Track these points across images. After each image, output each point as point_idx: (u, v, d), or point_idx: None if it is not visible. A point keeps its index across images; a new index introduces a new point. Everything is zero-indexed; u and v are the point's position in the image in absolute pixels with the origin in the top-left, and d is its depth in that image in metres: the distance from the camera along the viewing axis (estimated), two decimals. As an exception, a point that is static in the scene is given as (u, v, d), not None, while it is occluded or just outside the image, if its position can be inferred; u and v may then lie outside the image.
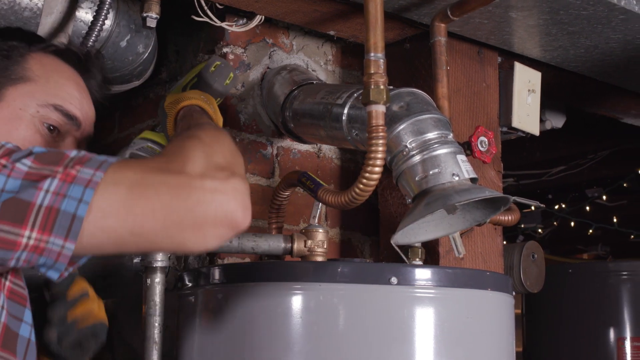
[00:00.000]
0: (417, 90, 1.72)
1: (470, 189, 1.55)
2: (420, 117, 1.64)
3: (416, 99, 1.69)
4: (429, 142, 1.61)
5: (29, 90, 1.34)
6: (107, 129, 2.68)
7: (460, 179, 1.58)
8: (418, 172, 1.60)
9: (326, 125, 1.85)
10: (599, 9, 1.95)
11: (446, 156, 1.60)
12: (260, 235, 1.62)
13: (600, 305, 2.94)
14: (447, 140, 1.63)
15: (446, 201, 1.53)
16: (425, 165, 1.59)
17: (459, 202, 1.53)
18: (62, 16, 1.92)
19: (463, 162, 1.61)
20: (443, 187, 1.57)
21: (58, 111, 1.36)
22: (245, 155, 2.13)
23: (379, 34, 1.50)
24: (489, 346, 1.52)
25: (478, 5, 1.88)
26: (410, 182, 1.61)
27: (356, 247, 2.31)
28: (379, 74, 1.49)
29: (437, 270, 1.48)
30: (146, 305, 1.53)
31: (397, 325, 1.42)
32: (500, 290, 1.55)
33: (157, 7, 1.92)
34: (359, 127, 1.73)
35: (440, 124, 1.64)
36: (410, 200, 1.63)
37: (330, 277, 1.43)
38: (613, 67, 2.36)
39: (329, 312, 1.41)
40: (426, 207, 1.54)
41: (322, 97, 1.89)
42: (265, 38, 2.20)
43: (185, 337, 1.57)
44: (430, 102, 1.73)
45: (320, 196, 1.61)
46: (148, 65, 2.20)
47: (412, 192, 1.61)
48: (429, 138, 1.62)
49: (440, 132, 1.63)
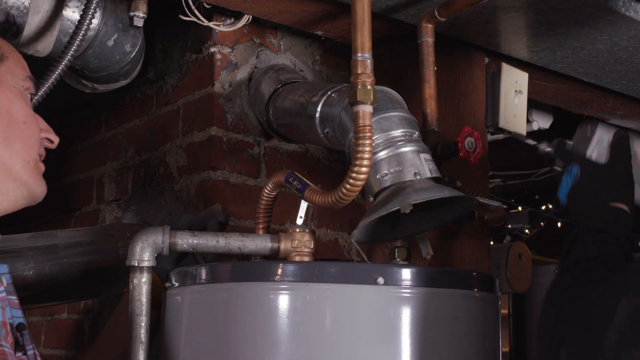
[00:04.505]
0: (387, 89, 1.73)
1: (429, 188, 1.56)
2: (386, 115, 1.65)
3: (385, 96, 1.70)
4: (394, 139, 1.62)
5: (9, 67, 1.40)
6: (94, 128, 2.68)
7: (421, 177, 1.58)
8: (380, 169, 1.61)
9: (302, 123, 1.88)
10: (586, 11, 1.96)
11: (410, 154, 1.61)
12: (247, 235, 1.61)
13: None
14: (412, 138, 1.64)
15: (403, 200, 1.53)
16: (388, 163, 1.60)
17: (415, 201, 1.53)
18: (49, 15, 1.92)
19: (427, 161, 1.61)
20: (403, 185, 1.58)
21: (31, 80, 1.44)
22: (233, 155, 2.13)
23: (366, 35, 1.50)
24: (476, 346, 1.52)
25: (465, 6, 1.88)
26: (371, 179, 1.61)
27: (343, 247, 2.32)
28: (366, 74, 1.49)
29: (424, 270, 1.48)
30: (132, 305, 1.52)
31: (383, 325, 1.42)
32: (486, 290, 1.56)
33: (144, 6, 1.91)
34: (330, 125, 1.75)
35: (406, 122, 1.65)
36: (371, 198, 1.64)
37: (316, 277, 1.42)
38: (599, 68, 2.37)
39: (315, 312, 1.41)
40: (383, 205, 1.54)
41: (300, 95, 1.92)
42: (253, 38, 2.20)
43: (171, 336, 1.57)
44: (399, 100, 1.73)
45: (308, 196, 1.61)
46: (135, 65, 2.20)
47: (373, 190, 1.62)
48: (393, 136, 1.63)
49: (406, 130, 1.64)
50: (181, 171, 2.22)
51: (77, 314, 2.64)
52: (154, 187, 2.32)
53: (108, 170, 2.57)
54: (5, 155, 1.35)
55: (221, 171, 2.10)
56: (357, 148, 1.49)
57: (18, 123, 1.37)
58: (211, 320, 1.48)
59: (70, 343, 2.64)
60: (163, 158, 2.30)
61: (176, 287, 1.58)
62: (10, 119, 1.37)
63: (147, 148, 2.38)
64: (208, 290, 1.51)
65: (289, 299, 1.42)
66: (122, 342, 1.60)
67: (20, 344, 1.31)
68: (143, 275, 1.54)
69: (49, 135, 1.45)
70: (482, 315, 1.53)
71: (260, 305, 1.43)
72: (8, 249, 1.95)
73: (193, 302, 1.54)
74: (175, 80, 2.29)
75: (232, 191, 2.11)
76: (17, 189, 1.37)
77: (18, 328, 1.29)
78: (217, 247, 1.58)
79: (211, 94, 2.12)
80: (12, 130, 1.36)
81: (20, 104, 1.39)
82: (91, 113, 2.71)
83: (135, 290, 1.53)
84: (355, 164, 1.50)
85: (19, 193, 1.38)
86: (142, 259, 1.54)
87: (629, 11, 1.97)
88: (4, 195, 1.36)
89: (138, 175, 2.41)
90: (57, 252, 2.02)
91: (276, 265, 1.45)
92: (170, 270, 1.61)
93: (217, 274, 1.51)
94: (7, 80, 1.39)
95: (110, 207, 2.54)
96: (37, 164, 1.41)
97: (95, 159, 2.65)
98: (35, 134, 1.41)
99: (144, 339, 1.52)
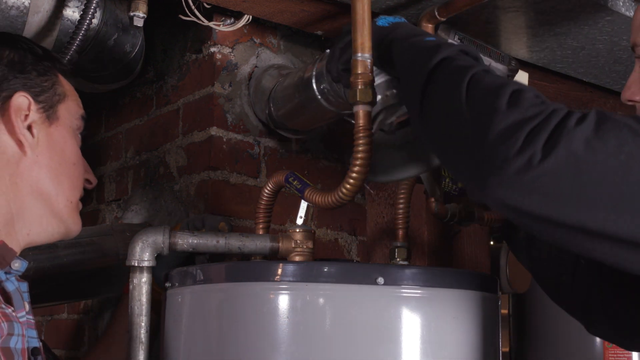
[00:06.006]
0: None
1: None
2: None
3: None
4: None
5: (68, 106, 1.45)
6: (94, 128, 2.67)
7: None
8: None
9: (300, 97, 1.94)
10: (586, 11, 1.96)
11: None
12: (247, 235, 1.61)
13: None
14: None
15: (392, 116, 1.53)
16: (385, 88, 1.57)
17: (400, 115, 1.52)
18: (49, 15, 1.92)
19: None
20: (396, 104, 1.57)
21: (83, 119, 1.50)
22: (233, 155, 2.13)
23: (366, 35, 1.49)
24: (475, 346, 1.52)
25: (465, 5, 1.88)
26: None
27: (343, 247, 2.32)
28: (366, 74, 1.49)
29: (424, 270, 1.48)
30: (132, 305, 1.52)
31: (383, 324, 1.42)
32: (487, 290, 1.56)
33: (144, 6, 1.91)
34: (325, 80, 1.83)
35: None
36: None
37: (316, 277, 1.43)
38: (599, 68, 2.37)
39: (315, 312, 1.41)
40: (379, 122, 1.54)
41: (295, 76, 1.99)
42: (253, 38, 2.20)
43: (171, 336, 1.57)
44: None
45: (307, 196, 1.61)
46: (135, 65, 2.20)
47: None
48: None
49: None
50: (181, 171, 2.22)
51: (77, 314, 2.64)
52: (154, 187, 2.32)
53: (108, 170, 2.57)
54: (53, 192, 1.40)
55: (221, 171, 2.10)
56: (357, 148, 1.49)
57: (69, 163, 1.43)
58: (211, 320, 1.48)
59: (70, 343, 2.64)
60: (163, 158, 2.30)
61: (176, 287, 1.58)
62: (63, 158, 1.42)
63: (147, 148, 2.38)
64: (208, 290, 1.51)
65: (289, 299, 1.42)
66: (121, 350, 1.62)
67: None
68: (143, 275, 1.54)
69: (89, 176, 1.51)
70: (482, 315, 1.53)
71: (260, 305, 1.43)
72: (8, 249, 1.95)
73: (193, 302, 1.54)
74: (175, 80, 2.29)
75: (232, 191, 2.11)
76: (56, 226, 1.42)
77: (33, 353, 1.31)
78: (217, 247, 1.58)
79: (211, 94, 2.13)
80: (63, 169, 1.42)
81: (72, 145, 1.45)
82: (91, 113, 2.70)
83: (135, 290, 1.53)
84: (355, 164, 1.50)
85: (56, 229, 1.43)
86: (142, 259, 1.54)
87: (629, 11, 1.97)
88: (42, 229, 1.41)
89: (138, 175, 2.41)
90: (57, 252, 2.02)
91: (276, 265, 1.45)
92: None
93: (217, 273, 1.51)
94: (65, 119, 1.44)
95: (110, 207, 2.54)
96: (78, 204, 1.47)
97: (95, 159, 2.65)
98: (82, 176, 1.48)
99: (144, 339, 1.53)
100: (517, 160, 1.06)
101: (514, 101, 1.12)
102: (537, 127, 1.08)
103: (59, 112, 1.43)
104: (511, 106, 1.11)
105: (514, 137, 1.08)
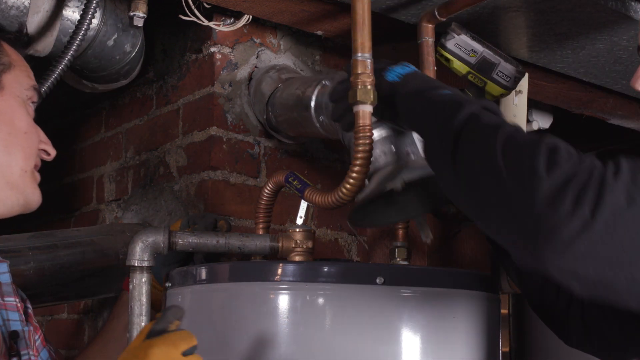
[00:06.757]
0: None
1: (423, 167, 1.52)
2: None
3: None
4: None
5: (16, 75, 1.42)
6: (94, 128, 2.68)
7: (415, 157, 1.58)
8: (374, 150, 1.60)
9: (299, 115, 1.91)
10: (586, 11, 1.96)
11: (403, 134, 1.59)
12: (247, 235, 1.62)
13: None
14: None
15: (396, 178, 1.51)
16: (382, 144, 1.59)
17: (408, 179, 1.51)
18: (49, 15, 1.92)
19: (420, 141, 1.60)
20: (397, 165, 1.56)
21: (35, 90, 1.46)
22: (233, 155, 2.13)
23: (366, 34, 1.49)
24: (476, 346, 1.52)
25: (465, 5, 1.88)
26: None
27: (343, 247, 2.32)
28: (366, 74, 1.49)
29: (424, 270, 1.48)
30: (132, 305, 1.53)
31: (383, 325, 1.42)
32: (487, 290, 1.56)
33: (144, 6, 1.91)
34: (325, 112, 1.79)
35: None
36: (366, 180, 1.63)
37: (316, 276, 1.43)
38: (599, 68, 2.37)
39: (315, 311, 1.41)
40: (376, 184, 1.53)
41: (296, 88, 1.95)
42: (253, 38, 2.20)
43: (172, 336, 1.57)
44: None
45: (307, 196, 1.61)
46: (135, 65, 2.20)
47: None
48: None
49: None
50: (181, 171, 2.22)
51: (77, 314, 2.64)
52: (154, 187, 2.32)
53: (108, 170, 2.57)
54: (4, 162, 1.38)
55: (221, 171, 2.10)
56: (357, 148, 1.49)
57: (19, 132, 1.40)
58: (211, 320, 1.48)
59: (70, 343, 2.64)
60: (163, 158, 2.30)
61: (176, 287, 1.58)
62: (12, 128, 1.39)
63: (147, 148, 2.38)
64: (208, 290, 1.51)
65: (288, 298, 1.42)
66: (119, 346, 1.61)
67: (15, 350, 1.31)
68: (143, 275, 1.54)
69: (46, 147, 1.47)
70: (482, 315, 1.53)
71: (260, 305, 1.43)
72: (8, 248, 1.95)
73: (193, 301, 1.54)
74: (175, 80, 2.29)
75: (232, 191, 2.11)
76: (14, 197, 1.40)
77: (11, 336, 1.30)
78: (217, 247, 1.59)
79: (211, 93, 2.12)
80: (13, 138, 1.39)
81: (22, 114, 1.42)
82: (91, 113, 2.71)
83: (135, 290, 1.53)
84: (355, 164, 1.50)
85: (15, 201, 1.40)
86: (142, 259, 1.54)
87: (629, 11, 1.96)
88: (1, 202, 1.38)
89: (138, 175, 2.41)
90: (57, 252, 2.02)
91: (276, 265, 1.45)
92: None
93: (217, 273, 1.51)
94: (13, 89, 1.42)
95: (110, 207, 2.54)
96: (34, 173, 1.43)
97: (95, 158, 2.65)
98: (35, 145, 1.44)
99: (144, 338, 1.52)
100: (569, 226, 1.04)
101: (552, 161, 1.10)
102: (581, 188, 1.06)
103: (4, 81, 1.41)
104: (550, 167, 1.09)
105: (560, 202, 1.05)
